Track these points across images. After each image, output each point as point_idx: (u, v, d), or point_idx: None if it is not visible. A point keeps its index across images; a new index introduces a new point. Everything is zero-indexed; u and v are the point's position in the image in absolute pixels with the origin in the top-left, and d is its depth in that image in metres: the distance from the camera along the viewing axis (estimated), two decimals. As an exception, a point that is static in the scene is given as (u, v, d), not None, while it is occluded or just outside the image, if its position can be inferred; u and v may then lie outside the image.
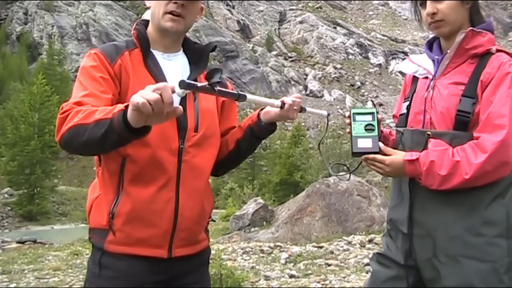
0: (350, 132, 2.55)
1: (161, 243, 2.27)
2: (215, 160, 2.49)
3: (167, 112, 1.71)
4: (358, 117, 2.57)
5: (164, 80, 2.30)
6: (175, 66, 2.42)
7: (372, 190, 15.19)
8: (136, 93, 1.72)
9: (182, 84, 1.70)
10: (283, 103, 2.41)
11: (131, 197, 2.21)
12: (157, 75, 2.30)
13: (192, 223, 2.35)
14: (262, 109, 2.52)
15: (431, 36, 2.77)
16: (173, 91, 1.71)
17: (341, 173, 2.98)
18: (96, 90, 2.14)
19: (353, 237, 12.80)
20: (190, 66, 2.47)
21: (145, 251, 2.25)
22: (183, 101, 2.30)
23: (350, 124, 2.57)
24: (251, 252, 11.85)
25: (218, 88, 1.86)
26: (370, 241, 12.30)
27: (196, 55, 2.50)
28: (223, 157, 2.55)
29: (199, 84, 1.79)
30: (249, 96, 2.12)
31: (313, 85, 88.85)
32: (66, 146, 2.04)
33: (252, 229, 15.49)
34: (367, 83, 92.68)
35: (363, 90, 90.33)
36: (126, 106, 1.81)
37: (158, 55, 2.39)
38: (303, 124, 62.60)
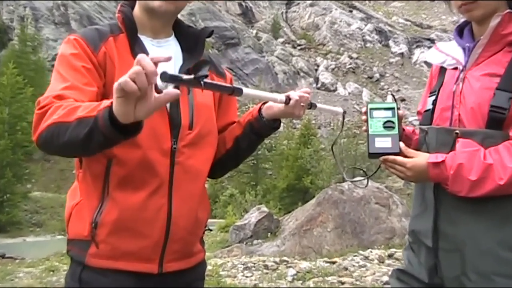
0: (367, 130, 2.56)
1: (151, 256, 2.27)
2: (212, 161, 2.50)
3: (156, 98, 1.70)
4: (376, 113, 2.58)
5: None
6: (166, 54, 2.41)
7: (392, 198, 15.18)
8: None
9: (164, 77, 1.67)
10: (288, 98, 2.40)
11: (118, 203, 2.20)
12: None
13: (186, 233, 2.35)
14: (265, 103, 2.52)
15: (462, 20, 2.76)
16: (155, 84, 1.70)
17: (356, 178, 2.98)
18: (79, 82, 2.13)
19: (371, 252, 12.77)
20: (182, 54, 2.47)
21: (132, 266, 2.25)
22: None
23: (366, 121, 2.58)
24: (253, 268, 11.84)
25: (206, 81, 1.78)
26: (390, 256, 12.27)
27: (190, 41, 2.50)
28: (221, 156, 2.56)
29: (184, 77, 1.73)
30: (246, 90, 2.07)
31: (325, 77, 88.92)
32: (44, 146, 2.04)
33: (255, 242, 15.49)
34: (387, 75, 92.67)
35: (382, 83, 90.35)
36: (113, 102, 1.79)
37: (146, 41, 2.39)
38: (313, 121, 62.52)
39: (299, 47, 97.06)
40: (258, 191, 36.88)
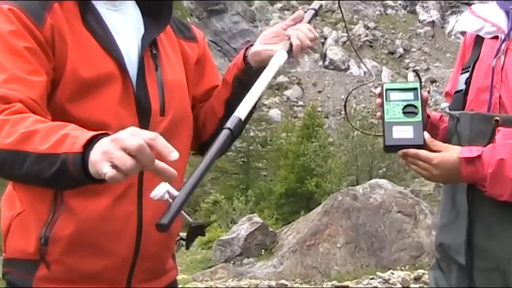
0: (382, 117, 2.54)
1: (117, 278, 2.27)
2: (188, 153, 2.50)
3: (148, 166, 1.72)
4: (393, 95, 2.57)
5: (113, 43, 2.26)
6: (126, 22, 2.37)
7: (419, 205, 15.21)
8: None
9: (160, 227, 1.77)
10: (290, 45, 2.34)
11: (75, 213, 2.17)
12: (103, 38, 2.25)
13: (159, 247, 2.36)
14: (248, 48, 2.49)
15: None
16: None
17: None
18: (22, 71, 2.06)
19: (392, 274, 12.82)
20: (144, 20, 2.43)
21: None
22: (141, 71, 2.29)
23: (382, 105, 2.56)
24: (243, 294, 11.88)
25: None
26: (416, 279, 12.33)
27: (153, 3, 2.45)
28: (215, 128, 2.53)
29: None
30: (241, 112, 2.07)
31: (335, 53, 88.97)
32: None
33: (245, 261, 15.52)
34: (413, 49, 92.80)
35: (407, 60, 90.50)
36: (84, 145, 1.77)
37: (99, 4, 2.33)
38: (319, 109, 62.61)
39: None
40: (249, 196, 36.87)
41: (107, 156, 1.66)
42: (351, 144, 38.36)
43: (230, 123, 1.98)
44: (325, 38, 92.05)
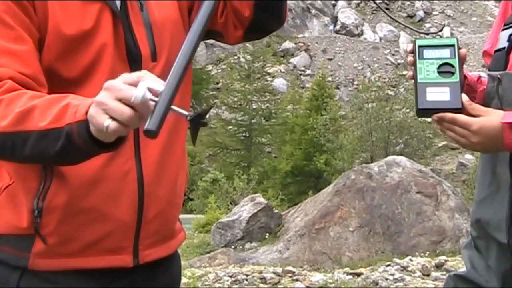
0: (415, 77, 2.52)
1: (121, 244, 2.27)
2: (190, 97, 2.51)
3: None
4: (427, 53, 2.54)
5: None
6: None
7: (441, 186, 15.21)
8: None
9: (149, 134, 1.72)
10: None
11: (68, 179, 2.17)
12: None
13: (165, 205, 2.36)
14: None
15: None
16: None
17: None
18: (7, 41, 2.04)
19: (411, 260, 12.83)
20: None
21: (98, 261, 2.24)
22: (124, 13, 2.24)
23: (414, 63, 2.54)
24: (245, 282, 11.90)
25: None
26: (438, 267, 12.33)
27: None
28: (249, 23, 2.46)
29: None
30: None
31: (347, 17, 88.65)
32: None
33: (248, 245, 15.56)
34: (435, 12, 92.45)
35: (428, 25, 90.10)
36: (87, 112, 1.79)
37: None
38: (329, 78, 62.47)
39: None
40: (251, 175, 36.98)
41: (101, 107, 1.71)
42: (365, 117, 38.16)
43: None
44: (336, 0, 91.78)
